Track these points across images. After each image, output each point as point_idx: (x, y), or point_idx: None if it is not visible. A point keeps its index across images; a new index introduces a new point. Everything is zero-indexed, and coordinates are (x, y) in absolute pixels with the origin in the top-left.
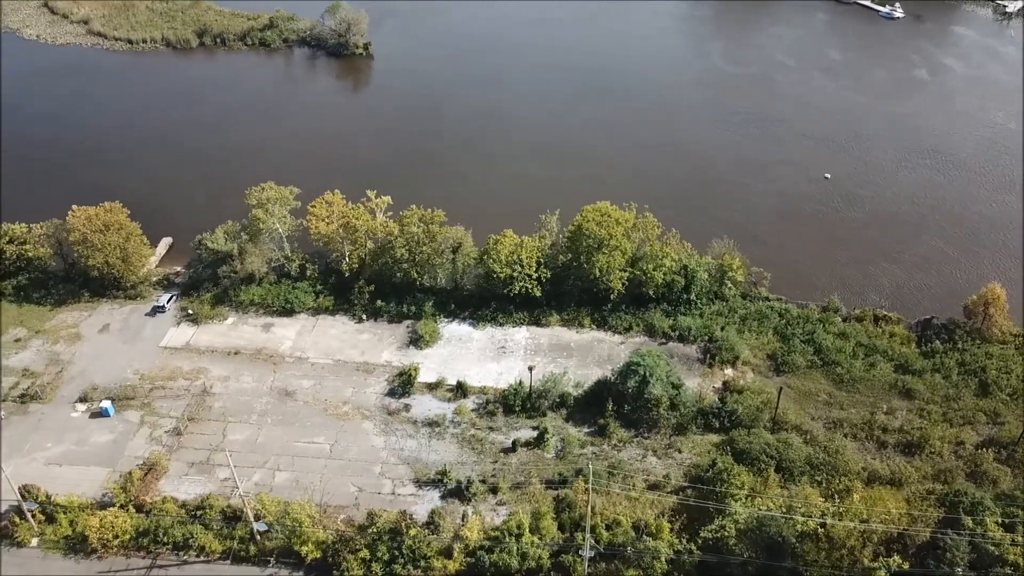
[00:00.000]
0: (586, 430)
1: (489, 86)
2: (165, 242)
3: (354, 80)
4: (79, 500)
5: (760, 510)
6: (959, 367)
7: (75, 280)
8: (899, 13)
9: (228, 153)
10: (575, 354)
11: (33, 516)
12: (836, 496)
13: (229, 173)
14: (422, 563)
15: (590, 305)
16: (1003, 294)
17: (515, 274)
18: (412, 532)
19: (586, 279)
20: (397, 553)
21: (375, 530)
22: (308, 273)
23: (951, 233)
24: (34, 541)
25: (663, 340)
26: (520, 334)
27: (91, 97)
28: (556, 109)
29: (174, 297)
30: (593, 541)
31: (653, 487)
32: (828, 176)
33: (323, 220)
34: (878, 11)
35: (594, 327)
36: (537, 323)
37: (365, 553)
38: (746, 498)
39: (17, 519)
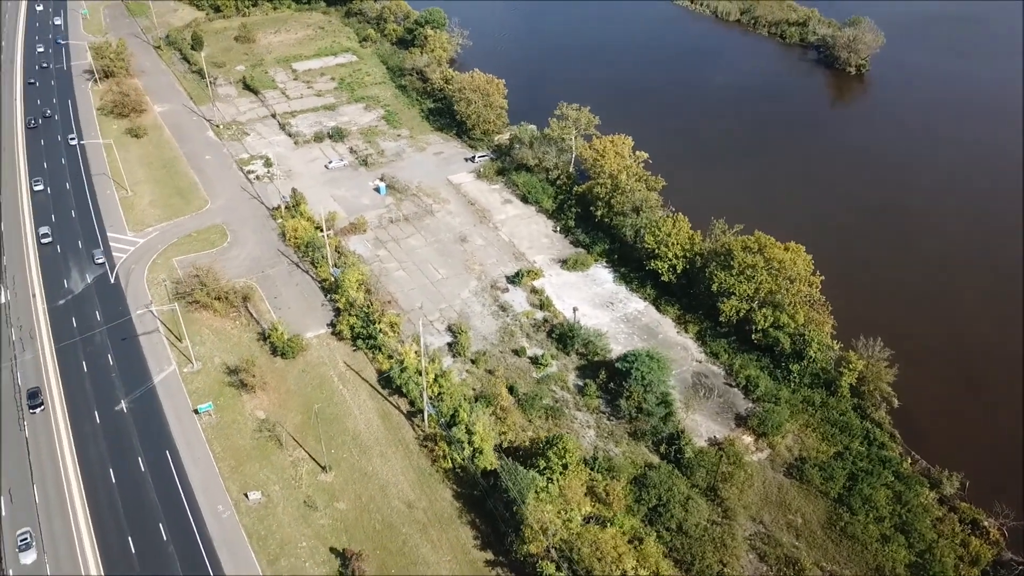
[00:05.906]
0: (578, 382)
1: (931, 155)
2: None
3: (830, 95)
4: (309, 214)
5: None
6: None
7: (455, 118)
8: None
9: (666, 95)
10: (653, 344)
11: (287, 208)
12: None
13: (649, 108)
14: (375, 350)
15: (711, 320)
16: None
17: (658, 251)
18: (379, 325)
19: (710, 291)
20: (363, 331)
21: (368, 311)
22: (559, 182)
23: None
24: (279, 220)
25: (731, 382)
26: (636, 305)
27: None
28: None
29: (487, 157)
30: (432, 396)
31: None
32: None
33: (592, 150)
34: None
35: (692, 336)
36: (656, 307)
37: (354, 320)
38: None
39: (283, 208)
